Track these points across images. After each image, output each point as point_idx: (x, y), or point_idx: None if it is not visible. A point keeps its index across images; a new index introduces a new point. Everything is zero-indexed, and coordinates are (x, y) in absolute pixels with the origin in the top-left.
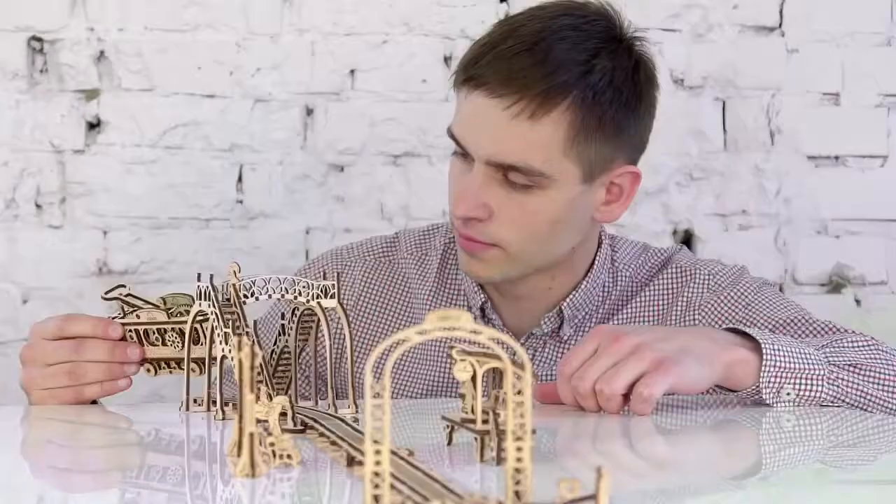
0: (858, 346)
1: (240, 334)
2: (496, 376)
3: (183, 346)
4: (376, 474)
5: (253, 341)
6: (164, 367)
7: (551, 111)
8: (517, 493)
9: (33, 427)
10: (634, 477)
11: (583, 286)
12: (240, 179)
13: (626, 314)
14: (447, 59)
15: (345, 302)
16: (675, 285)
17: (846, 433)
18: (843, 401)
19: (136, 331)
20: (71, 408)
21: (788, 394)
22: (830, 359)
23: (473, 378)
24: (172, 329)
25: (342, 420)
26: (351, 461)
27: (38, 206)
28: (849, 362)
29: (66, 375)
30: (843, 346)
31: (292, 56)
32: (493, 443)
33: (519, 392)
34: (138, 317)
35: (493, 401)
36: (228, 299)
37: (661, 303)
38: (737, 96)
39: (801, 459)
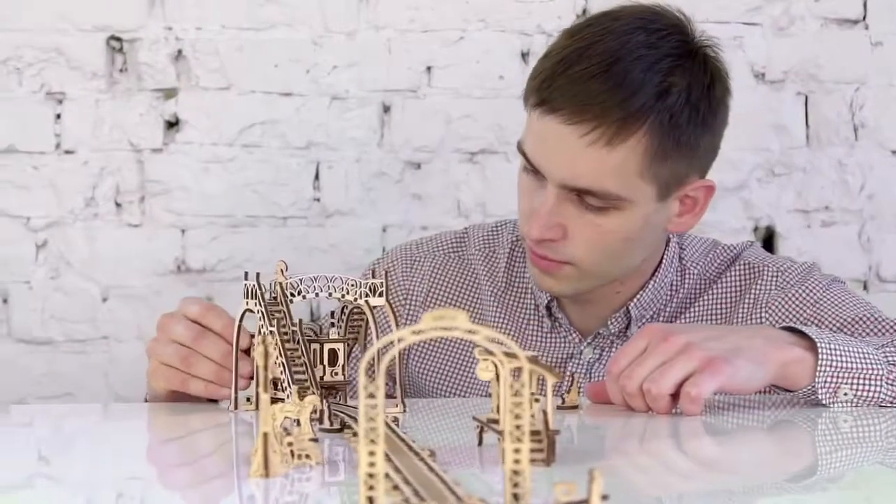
0: None
1: (285, 333)
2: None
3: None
4: (370, 475)
5: (275, 340)
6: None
7: (628, 138)
8: (515, 496)
9: (112, 424)
10: (682, 478)
11: (650, 286)
12: (316, 177)
13: (693, 312)
14: (524, 55)
15: (413, 297)
16: (742, 282)
17: None
18: None
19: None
20: (145, 406)
21: (846, 394)
22: (890, 358)
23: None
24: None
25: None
26: None
27: (117, 204)
28: None
29: (178, 358)
30: None
31: (369, 53)
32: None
33: (516, 393)
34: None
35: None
36: (276, 298)
37: (728, 300)
38: (819, 90)
39: (858, 461)
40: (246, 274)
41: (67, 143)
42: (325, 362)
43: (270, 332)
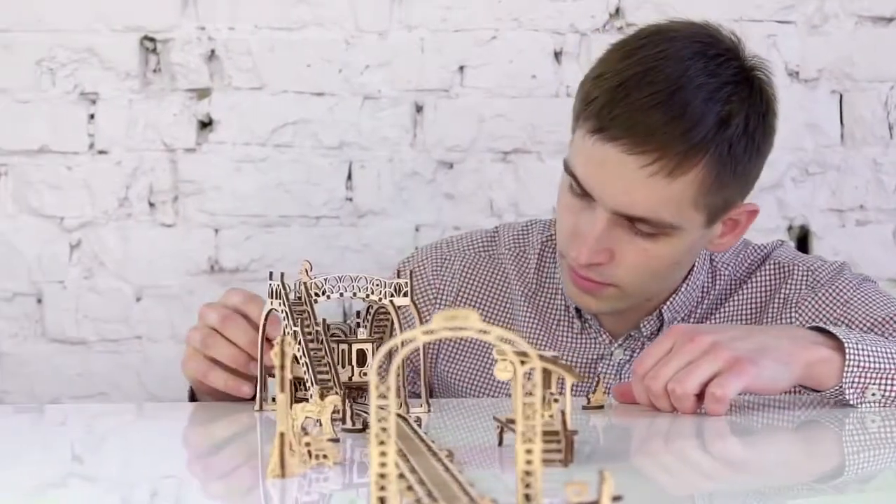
0: None
1: (309, 332)
2: (547, 377)
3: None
4: (381, 475)
5: (299, 340)
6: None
7: (689, 171)
8: (527, 496)
9: (146, 423)
10: (706, 478)
11: (682, 289)
12: (349, 177)
13: (724, 312)
14: (557, 55)
15: (444, 296)
16: (772, 282)
17: None
18: None
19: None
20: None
21: (874, 394)
22: None
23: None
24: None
25: (405, 419)
26: None
27: (150, 204)
28: None
29: (200, 339)
30: None
31: (401, 53)
32: None
33: (528, 394)
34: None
35: (540, 401)
36: (300, 298)
37: (758, 300)
38: (854, 89)
39: (886, 462)
40: (271, 274)
41: (101, 143)
42: (354, 363)
43: (294, 331)
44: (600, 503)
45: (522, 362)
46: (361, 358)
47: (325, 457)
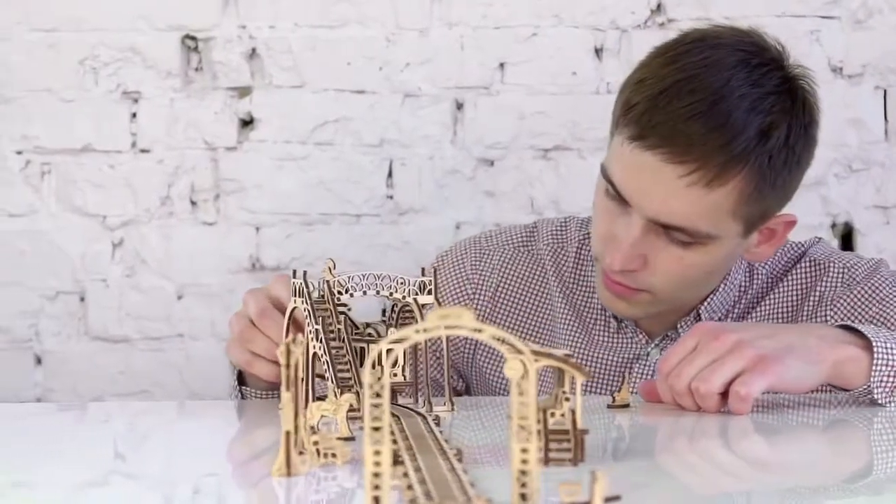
0: None
1: (331, 331)
2: (560, 375)
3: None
4: (375, 475)
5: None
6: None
7: (728, 182)
8: (523, 496)
9: (188, 421)
10: (731, 477)
11: (720, 290)
12: (390, 175)
13: (760, 311)
14: (598, 51)
15: (483, 290)
16: (808, 279)
17: None
18: None
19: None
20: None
21: None
22: None
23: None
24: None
25: (424, 417)
26: (396, 460)
27: (192, 202)
28: None
29: (239, 331)
30: None
31: (441, 50)
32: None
33: (522, 392)
34: None
35: (553, 400)
36: (324, 296)
37: (793, 298)
38: None
39: None
40: (294, 272)
41: (143, 141)
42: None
43: (315, 329)
44: (592, 503)
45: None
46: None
47: (333, 455)
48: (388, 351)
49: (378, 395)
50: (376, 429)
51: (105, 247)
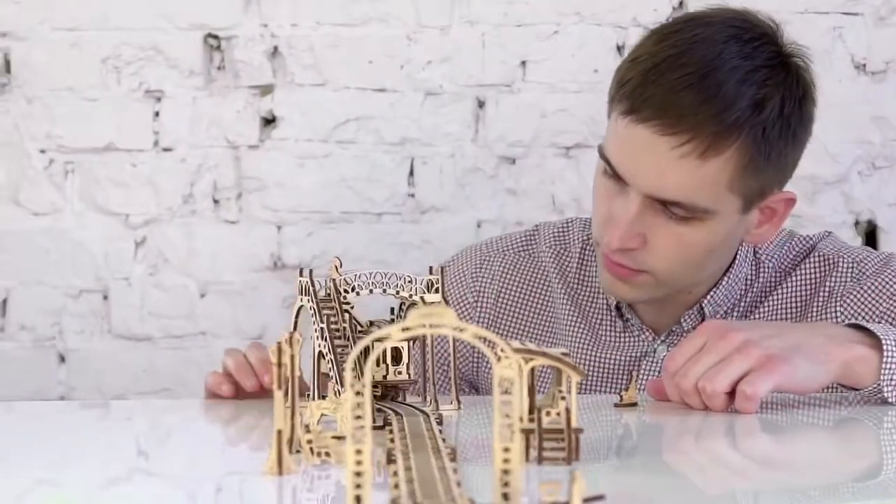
0: None
1: (336, 329)
2: (558, 375)
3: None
4: (357, 474)
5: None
6: None
7: (722, 152)
8: (505, 495)
9: (210, 419)
10: (738, 476)
11: (724, 283)
12: (411, 173)
13: (768, 307)
14: (619, 49)
15: (485, 297)
16: (817, 275)
17: None
18: None
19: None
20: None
21: None
22: None
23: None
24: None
25: (427, 415)
26: (389, 459)
27: (214, 201)
28: None
29: (212, 381)
30: None
31: (463, 48)
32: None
33: (505, 392)
34: None
35: (550, 399)
36: (329, 295)
37: (802, 293)
38: None
39: None
40: (301, 270)
41: (165, 140)
42: (389, 361)
43: (320, 328)
44: (571, 503)
45: (526, 360)
46: (396, 356)
47: (327, 454)
48: (369, 349)
49: (359, 394)
50: (359, 428)
51: (128, 245)
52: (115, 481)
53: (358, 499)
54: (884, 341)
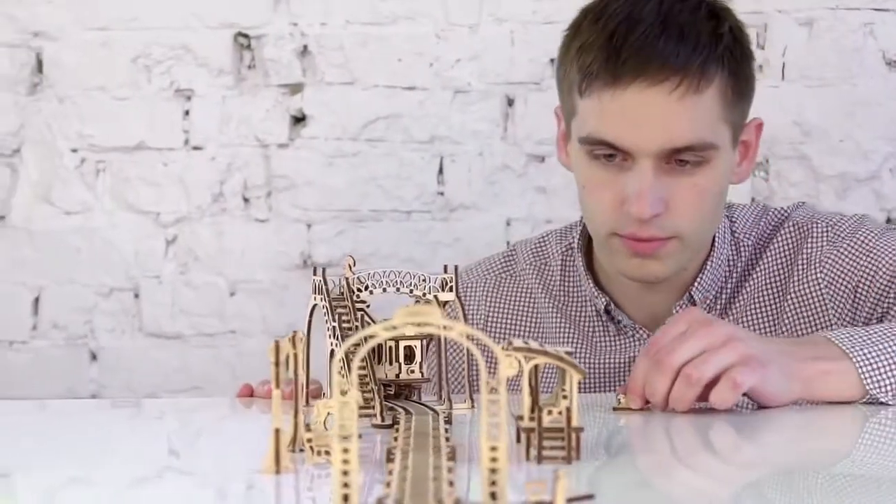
0: None
1: (348, 328)
2: (562, 374)
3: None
4: (344, 472)
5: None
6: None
7: (712, 80)
8: (492, 494)
9: (240, 417)
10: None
11: (708, 267)
12: (440, 171)
13: (751, 284)
14: None
15: (472, 324)
16: (793, 243)
17: None
18: None
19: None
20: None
21: None
22: None
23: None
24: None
25: (436, 414)
26: (389, 457)
27: (244, 199)
28: None
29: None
30: None
31: (491, 46)
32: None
33: (493, 390)
34: None
35: (555, 397)
36: (343, 293)
37: (781, 265)
38: None
39: None
40: (315, 269)
41: (196, 139)
42: (401, 360)
43: (332, 327)
44: (555, 502)
45: (528, 358)
46: (409, 355)
47: (327, 453)
48: (356, 349)
49: (345, 393)
50: (345, 426)
51: (158, 244)
52: (145, 479)
53: (345, 497)
54: (849, 352)
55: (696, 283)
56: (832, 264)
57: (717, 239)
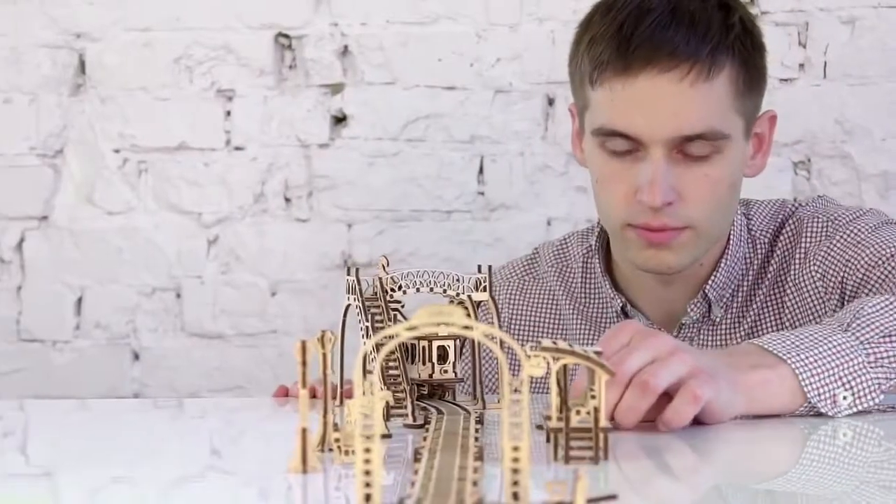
0: (882, 309)
1: (381, 328)
2: (591, 374)
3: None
4: (366, 472)
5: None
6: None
7: (723, 68)
8: (515, 494)
9: (282, 417)
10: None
11: (723, 265)
12: (480, 171)
13: (768, 282)
14: None
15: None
16: (792, 238)
17: None
18: None
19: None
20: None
21: (845, 398)
22: (860, 336)
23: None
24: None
25: (467, 414)
26: (416, 457)
27: (286, 199)
28: (882, 333)
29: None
30: (867, 314)
31: (532, 46)
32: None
33: (516, 390)
34: None
35: (583, 398)
36: (376, 293)
37: (783, 261)
38: None
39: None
40: (348, 269)
41: (237, 139)
42: (435, 360)
43: (366, 327)
44: (575, 502)
45: (556, 358)
46: (443, 355)
47: (353, 452)
48: (379, 347)
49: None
50: (367, 426)
51: (200, 244)
52: (188, 479)
53: (367, 497)
54: (786, 359)
55: (710, 281)
56: (823, 256)
57: (732, 236)
